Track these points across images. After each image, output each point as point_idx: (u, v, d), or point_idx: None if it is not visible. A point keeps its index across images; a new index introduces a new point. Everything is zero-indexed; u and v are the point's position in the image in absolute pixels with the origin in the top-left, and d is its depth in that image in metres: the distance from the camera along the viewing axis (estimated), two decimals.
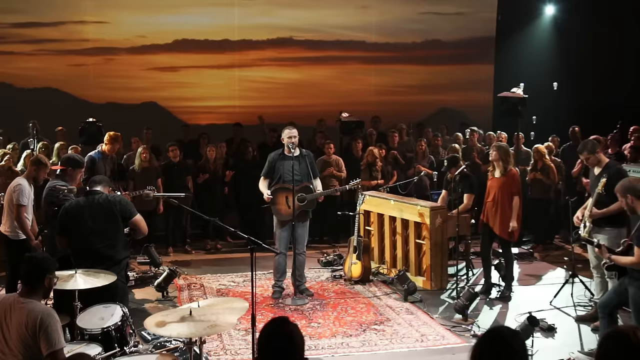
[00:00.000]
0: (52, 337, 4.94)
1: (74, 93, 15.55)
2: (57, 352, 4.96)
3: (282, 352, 3.56)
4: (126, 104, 15.68)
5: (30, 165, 8.48)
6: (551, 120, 14.26)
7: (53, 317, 5.04)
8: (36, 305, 5.05)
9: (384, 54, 16.97)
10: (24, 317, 4.96)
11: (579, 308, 9.16)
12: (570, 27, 15.87)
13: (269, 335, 3.61)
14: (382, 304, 9.46)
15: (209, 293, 9.91)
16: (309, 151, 10.03)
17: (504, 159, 9.47)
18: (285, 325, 3.65)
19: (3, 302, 5.15)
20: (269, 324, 3.71)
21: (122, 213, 6.91)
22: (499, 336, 3.53)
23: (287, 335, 3.59)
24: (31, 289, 5.14)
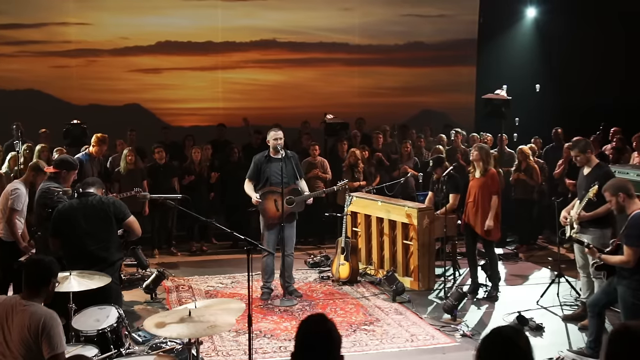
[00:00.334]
0: (54, 340, 4.93)
1: (57, 95, 15.51)
2: (58, 355, 4.95)
3: (322, 350, 3.54)
4: (109, 106, 15.64)
5: (29, 170, 8.48)
6: (534, 122, 14.38)
7: (55, 320, 5.03)
8: (38, 308, 5.04)
9: (367, 56, 17.05)
10: (26, 319, 4.94)
11: (565, 307, 9.23)
12: (552, 30, 16.03)
13: (308, 332, 3.58)
14: (371, 304, 9.51)
15: (198, 295, 9.90)
16: (293, 152, 10.05)
17: (484, 159, 9.59)
18: (324, 322, 3.63)
19: (4, 304, 5.13)
20: (307, 321, 3.69)
21: (116, 214, 6.92)
22: (503, 335, 3.57)
23: (327, 332, 3.57)
24: (35, 291, 5.11)
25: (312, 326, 3.63)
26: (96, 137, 11.24)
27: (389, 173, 13.39)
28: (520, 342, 3.47)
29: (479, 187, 9.55)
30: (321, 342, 3.54)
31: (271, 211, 9.60)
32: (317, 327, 3.60)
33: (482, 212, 9.51)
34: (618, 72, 14.69)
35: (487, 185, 9.53)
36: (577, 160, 8.59)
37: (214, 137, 14.40)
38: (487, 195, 9.50)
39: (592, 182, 8.14)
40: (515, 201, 12.73)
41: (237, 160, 13.00)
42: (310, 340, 3.55)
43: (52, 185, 7.58)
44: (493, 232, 9.58)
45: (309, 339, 3.55)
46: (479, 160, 9.56)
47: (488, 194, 9.50)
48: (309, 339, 3.56)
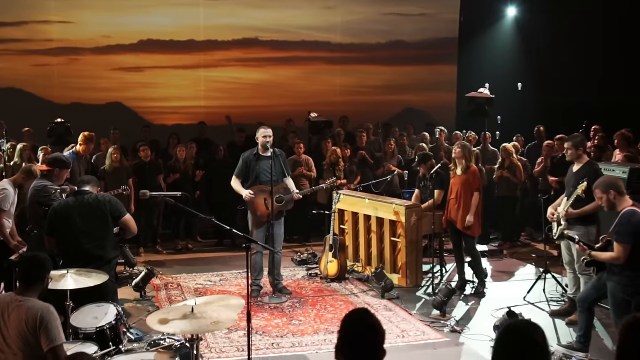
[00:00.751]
0: (52, 333, 4.98)
1: (38, 93, 15.42)
2: (57, 348, 5.00)
3: (370, 343, 3.54)
4: (91, 104, 15.57)
5: (21, 172, 8.45)
6: (515, 120, 14.52)
7: (52, 313, 5.08)
8: (35, 303, 5.08)
9: (348, 54, 17.14)
10: (23, 314, 4.99)
11: (552, 303, 9.36)
12: (533, 28, 16.20)
13: (356, 326, 3.58)
14: (360, 301, 9.58)
15: (187, 292, 9.91)
16: (281, 150, 10.07)
17: (466, 156, 9.70)
18: (370, 315, 3.64)
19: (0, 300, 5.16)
20: (353, 315, 3.69)
21: (112, 212, 6.94)
22: (519, 330, 3.64)
23: (374, 325, 3.58)
24: (29, 287, 5.17)
25: (359, 320, 3.63)
26: (83, 135, 11.20)
27: (373, 171, 13.45)
28: (536, 336, 3.54)
29: (460, 184, 9.66)
30: (369, 335, 3.54)
31: (260, 209, 9.61)
32: (364, 321, 3.60)
33: (464, 208, 9.61)
34: (597, 71, 14.87)
35: (469, 182, 9.64)
36: (567, 154, 8.66)
37: (195, 135, 14.36)
38: (469, 192, 9.62)
39: (581, 179, 8.25)
40: (499, 198, 12.87)
41: (222, 158, 13.01)
42: (358, 334, 3.54)
43: (47, 183, 7.57)
44: (474, 228, 9.68)
45: (357, 333, 3.55)
46: (461, 157, 9.67)
47: (470, 191, 9.62)
48: (357, 332, 3.55)
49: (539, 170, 12.77)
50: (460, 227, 9.69)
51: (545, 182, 12.55)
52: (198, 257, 12.38)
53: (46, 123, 12.51)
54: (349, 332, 3.57)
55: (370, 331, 3.56)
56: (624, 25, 14.57)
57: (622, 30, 14.68)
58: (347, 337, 3.56)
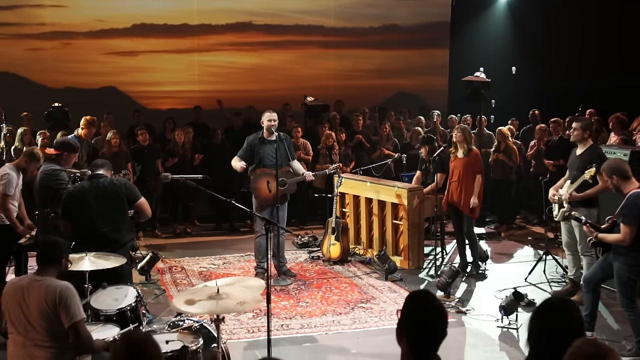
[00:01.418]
0: (72, 309, 5.07)
1: (32, 78, 15.34)
2: (78, 323, 5.09)
3: (439, 324, 3.54)
4: (85, 89, 15.48)
5: (23, 156, 8.43)
6: (510, 103, 14.64)
7: (71, 290, 5.16)
8: (53, 281, 5.18)
9: (342, 38, 17.17)
10: (42, 292, 5.08)
11: (553, 284, 9.52)
12: (526, 12, 16.30)
13: (423, 307, 3.56)
14: (365, 283, 9.68)
15: (192, 276, 9.98)
16: (286, 134, 10.11)
17: (467, 139, 9.81)
18: (434, 297, 3.64)
19: (19, 283, 5.27)
20: (418, 297, 3.66)
21: (128, 196, 6.99)
22: (554, 306, 3.74)
23: (440, 306, 3.59)
24: (46, 267, 5.28)
25: (426, 301, 3.60)
26: (85, 119, 11.21)
27: (369, 154, 13.53)
28: (571, 311, 3.65)
29: (462, 167, 9.76)
30: (437, 316, 3.55)
31: (263, 192, 9.67)
32: (431, 302, 3.58)
33: (466, 191, 9.73)
34: (592, 55, 15.01)
35: (471, 165, 9.75)
36: (573, 135, 8.75)
37: (190, 119, 14.35)
38: (471, 175, 9.74)
39: (585, 163, 8.37)
40: (494, 182, 12.98)
41: (220, 142, 13.04)
42: (426, 315, 3.52)
43: (56, 167, 7.59)
44: (476, 209, 9.81)
45: (425, 314, 3.52)
46: (462, 140, 9.77)
47: (472, 174, 9.73)
48: (424, 314, 3.52)
49: (531, 153, 12.91)
50: (462, 209, 9.79)
51: (539, 165, 12.71)
52: (198, 240, 12.44)
53: (41, 107, 12.55)
54: (417, 314, 3.54)
55: (439, 312, 3.56)
56: (618, 8, 14.69)
57: (618, 14, 14.80)
58: (412, 317, 3.54)
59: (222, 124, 14.11)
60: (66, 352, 5.14)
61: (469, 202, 9.70)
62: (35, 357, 5.08)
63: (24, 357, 5.11)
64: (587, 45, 15.11)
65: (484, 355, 7.45)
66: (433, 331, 3.50)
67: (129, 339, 3.59)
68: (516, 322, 8.06)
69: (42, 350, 5.07)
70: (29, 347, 5.08)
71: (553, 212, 8.97)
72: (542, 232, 12.53)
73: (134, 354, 3.46)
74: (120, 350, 3.51)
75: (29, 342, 5.09)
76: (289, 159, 9.80)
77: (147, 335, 3.60)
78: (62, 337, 5.10)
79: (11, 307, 5.16)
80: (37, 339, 5.07)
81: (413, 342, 3.50)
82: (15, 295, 5.15)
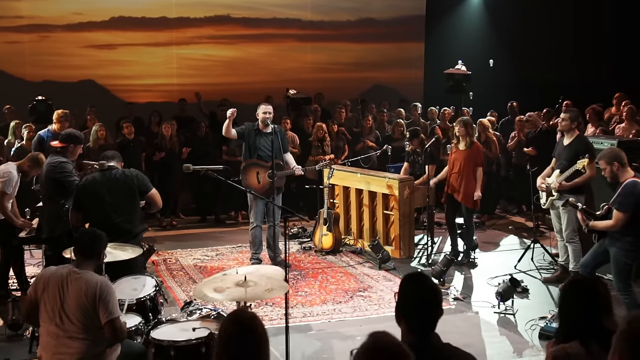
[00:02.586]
0: (110, 306, 5.14)
1: (9, 71, 15.24)
2: (115, 320, 5.16)
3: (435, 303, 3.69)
4: (63, 82, 15.42)
5: (28, 159, 8.46)
6: (488, 96, 14.89)
7: (110, 286, 5.24)
8: (93, 276, 5.22)
9: (319, 31, 17.36)
10: (82, 286, 5.13)
11: (542, 271, 9.77)
12: (501, 6, 16.58)
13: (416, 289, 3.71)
14: (359, 272, 9.85)
15: (187, 268, 10.05)
16: (280, 126, 10.21)
17: (469, 133, 10.00)
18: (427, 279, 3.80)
19: (56, 274, 5.27)
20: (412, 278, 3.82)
21: (140, 187, 7.05)
22: (585, 284, 3.96)
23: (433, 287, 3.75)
24: (86, 260, 5.32)
25: (419, 282, 3.76)
26: (57, 113, 11.06)
27: (351, 146, 13.69)
28: (600, 288, 3.87)
29: (464, 159, 9.94)
30: (433, 295, 3.70)
31: (253, 183, 9.76)
32: (426, 283, 3.74)
33: (467, 182, 9.92)
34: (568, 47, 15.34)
35: (473, 157, 9.95)
36: (561, 124, 9.03)
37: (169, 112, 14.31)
38: (473, 167, 9.93)
39: (573, 153, 8.67)
40: None
41: (204, 135, 13.11)
42: (421, 295, 3.67)
43: (62, 159, 7.62)
44: (478, 202, 10.04)
45: (420, 294, 3.68)
46: (465, 134, 9.95)
47: (473, 166, 9.93)
48: (420, 293, 3.68)
49: (512, 145, 13.17)
50: (462, 201, 9.98)
51: (519, 156, 12.99)
52: (187, 233, 12.49)
53: (19, 101, 12.62)
54: (410, 294, 3.71)
55: (432, 292, 3.72)
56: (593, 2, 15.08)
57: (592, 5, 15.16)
58: (408, 298, 3.71)
59: (200, 117, 14.13)
60: (99, 344, 5.21)
61: (469, 194, 9.90)
62: (69, 348, 5.13)
63: (57, 347, 5.16)
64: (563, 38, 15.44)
65: (486, 340, 7.65)
66: (429, 310, 3.66)
67: (240, 318, 3.58)
68: (512, 308, 8.29)
69: (76, 342, 5.13)
70: (63, 338, 5.13)
71: (541, 200, 9.23)
72: (521, 222, 12.97)
73: (245, 332, 3.48)
74: (232, 331, 3.48)
75: (62, 333, 5.13)
76: (282, 152, 9.89)
77: (254, 313, 3.65)
78: (97, 330, 5.15)
79: (48, 297, 5.18)
80: (72, 330, 5.12)
81: (411, 321, 3.66)
82: (53, 286, 5.18)
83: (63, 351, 5.15)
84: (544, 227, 11.76)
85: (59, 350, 5.17)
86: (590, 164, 8.44)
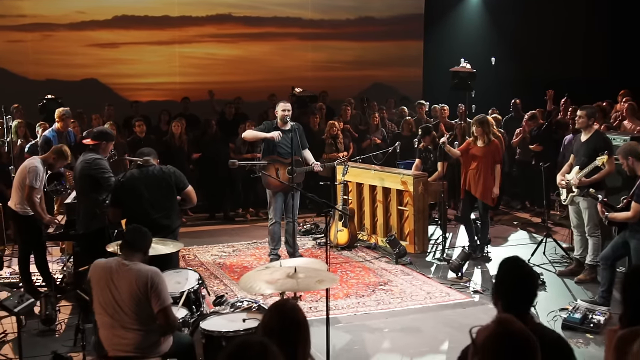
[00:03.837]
0: (162, 295, 5.29)
1: (12, 69, 15.28)
2: (167, 308, 5.31)
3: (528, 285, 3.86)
4: (66, 81, 15.46)
5: (52, 152, 8.58)
6: (490, 94, 15.07)
7: (161, 275, 5.38)
8: (143, 266, 5.37)
9: (319, 30, 17.52)
10: (134, 276, 5.26)
11: (555, 264, 9.95)
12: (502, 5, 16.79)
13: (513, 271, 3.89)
14: (377, 267, 10.01)
15: (207, 264, 10.16)
16: (298, 124, 10.32)
17: (486, 131, 10.17)
18: (523, 262, 3.97)
19: (106, 267, 5.41)
20: (508, 263, 3.98)
21: (177, 184, 7.18)
22: None
23: (528, 270, 3.94)
24: (134, 253, 5.46)
25: (517, 265, 3.95)
26: (59, 112, 11.11)
27: (358, 144, 13.84)
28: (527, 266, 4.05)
29: (482, 156, 10.10)
30: (529, 277, 3.90)
31: (272, 180, 9.87)
32: (522, 265, 3.94)
33: (484, 179, 10.08)
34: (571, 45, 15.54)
35: (491, 154, 10.10)
36: (578, 122, 9.19)
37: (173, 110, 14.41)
38: (491, 164, 10.09)
39: (591, 149, 8.85)
40: None
41: (214, 132, 13.21)
42: (521, 273, 3.88)
43: (95, 156, 7.71)
44: (496, 198, 10.23)
45: (520, 272, 3.88)
46: (482, 133, 10.12)
47: (492, 163, 10.09)
48: (520, 272, 3.89)
49: (516, 141, 13.37)
50: (480, 197, 10.13)
51: (524, 152, 13.20)
52: (199, 230, 12.55)
53: (22, 99, 12.85)
54: (510, 273, 3.90)
55: (530, 272, 3.93)
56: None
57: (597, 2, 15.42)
58: (508, 277, 3.90)
59: (211, 115, 14.23)
60: (152, 334, 5.34)
61: (487, 190, 10.07)
62: (124, 339, 5.26)
63: (112, 338, 5.29)
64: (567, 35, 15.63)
65: None
66: (528, 288, 3.86)
67: (283, 308, 3.72)
68: None
69: (130, 332, 5.26)
70: (117, 328, 5.26)
71: (561, 196, 9.42)
72: (525, 217, 13.17)
73: (288, 323, 3.56)
74: (276, 322, 3.54)
75: (117, 324, 5.26)
76: (301, 148, 10.02)
77: (296, 304, 3.79)
78: (150, 320, 5.29)
79: (100, 289, 5.31)
80: (126, 321, 5.25)
81: (509, 300, 3.83)
82: (103, 278, 5.31)
83: (117, 342, 5.29)
84: (550, 223, 11.95)
85: (114, 342, 5.30)
86: (609, 160, 8.63)
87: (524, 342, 3.01)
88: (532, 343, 3.02)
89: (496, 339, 3.02)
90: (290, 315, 3.59)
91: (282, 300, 3.70)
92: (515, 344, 3.00)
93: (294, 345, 3.47)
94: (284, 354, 3.10)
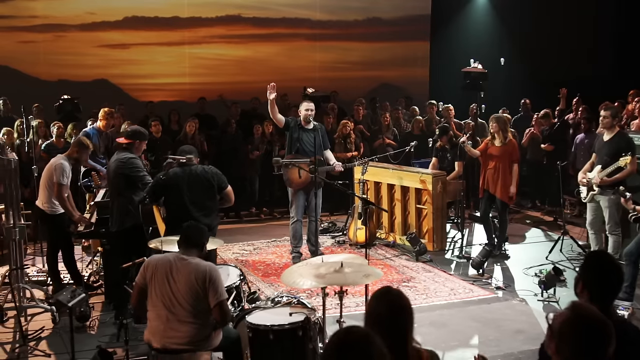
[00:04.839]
0: (219, 289, 5.41)
1: (24, 70, 15.35)
2: (223, 302, 5.43)
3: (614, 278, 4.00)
4: (77, 81, 15.50)
5: (73, 146, 8.71)
6: (500, 93, 15.21)
7: (217, 270, 5.51)
8: (200, 261, 5.50)
9: (327, 31, 17.60)
10: (192, 271, 5.39)
11: (573, 261, 10.10)
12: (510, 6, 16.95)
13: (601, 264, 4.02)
14: (398, 264, 10.14)
15: (230, 262, 10.24)
16: (321, 124, 10.43)
17: (503, 128, 10.31)
18: (610, 256, 4.19)
19: (163, 261, 5.52)
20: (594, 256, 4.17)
21: (219, 184, 7.35)
22: None
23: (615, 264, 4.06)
24: (191, 249, 5.58)
25: (607, 256, 4.16)
26: (104, 111, 11.40)
27: (370, 144, 13.97)
28: None
29: (500, 155, 10.25)
30: (618, 269, 4.02)
31: (294, 179, 10.00)
32: (611, 257, 4.15)
33: (503, 178, 10.23)
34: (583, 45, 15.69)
35: (509, 153, 10.26)
36: (602, 122, 9.36)
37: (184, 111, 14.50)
38: (509, 163, 10.24)
39: (614, 149, 9.00)
40: None
41: (235, 132, 13.34)
42: (609, 266, 4.00)
43: (130, 155, 7.81)
44: (514, 197, 10.38)
45: (608, 265, 4.00)
46: (499, 130, 10.27)
47: (509, 162, 10.24)
48: (608, 264, 4.00)
49: (526, 140, 13.52)
50: (499, 196, 10.29)
51: (534, 152, 13.36)
52: None
53: (34, 100, 12.98)
54: (599, 265, 4.03)
55: (617, 266, 4.05)
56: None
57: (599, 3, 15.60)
58: (596, 269, 4.00)
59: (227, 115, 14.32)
60: (206, 328, 5.45)
61: (505, 190, 10.23)
62: (178, 332, 5.36)
63: (166, 331, 5.38)
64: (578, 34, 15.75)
65: (537, 325, 7.94)
66: (614, 281, 3.98)
67: (389, 296, 3.64)
68: (554, 295, 8.62)
69: (184, 326, 5.36)
70: (173, 321, 5.36)
71: (581, 194, 9.57)
72: (536, 216, 13.33)
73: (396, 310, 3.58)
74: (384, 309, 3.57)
75: (172, 317, 5.36)
76: (323, 148, 10.13)
77: (400, 291, 3.73)
78: (205, 314, 5.41)
79: (156, 282, 5.42)
80: (182, 314, 5.36)
81: (595, 291, 3.92)
82: (162, 271, 5.42)
83: (172, 335, 5.38)
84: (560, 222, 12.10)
85: (168, 334, 5.39)
86: (632, 161, 8.78)
87: (600, 327, 3.11)
88: (608, 328, 3.12)
89: (572, 324, 3.12)
90: (398, 301, 3.64)
91: (385, 287, 3.75)
92: (591, 329, 3.10)
93: (404, 331, 3.55)
94: (393, 340, 3.19)
